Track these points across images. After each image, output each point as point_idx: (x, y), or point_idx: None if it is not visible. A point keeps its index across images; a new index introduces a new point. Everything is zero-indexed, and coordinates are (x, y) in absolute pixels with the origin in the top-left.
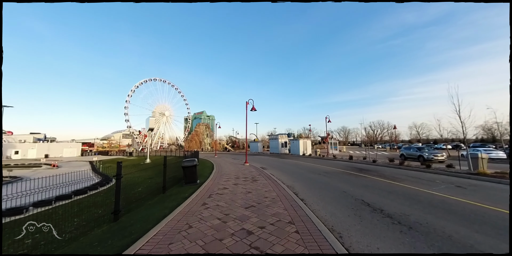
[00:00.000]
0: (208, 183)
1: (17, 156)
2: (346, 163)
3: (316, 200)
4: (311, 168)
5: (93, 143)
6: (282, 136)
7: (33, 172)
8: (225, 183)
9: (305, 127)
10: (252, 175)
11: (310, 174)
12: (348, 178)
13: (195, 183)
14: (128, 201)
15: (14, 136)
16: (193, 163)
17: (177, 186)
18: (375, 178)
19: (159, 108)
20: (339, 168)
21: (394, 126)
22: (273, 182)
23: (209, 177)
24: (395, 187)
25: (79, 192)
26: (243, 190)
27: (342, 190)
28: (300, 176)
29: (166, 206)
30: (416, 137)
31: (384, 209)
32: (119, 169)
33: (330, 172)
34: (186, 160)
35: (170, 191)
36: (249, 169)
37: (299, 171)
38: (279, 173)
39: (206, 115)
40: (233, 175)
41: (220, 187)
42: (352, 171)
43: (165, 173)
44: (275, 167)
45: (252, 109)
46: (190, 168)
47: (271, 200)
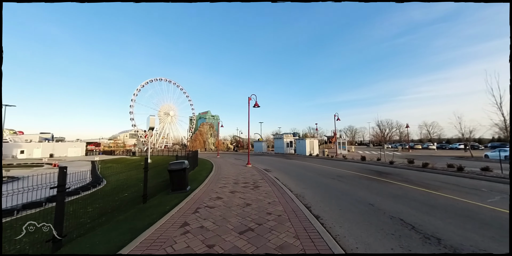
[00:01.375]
0: (199, 191)
1: (23, 156)
2: (359, 164)
3: (337, 218)
4: (321, 171)
5: (99, 142)
6: (287, 136)
7: (33, 171)
8: (220, 190)
9: (310, 127)
10: (253, 179)
11: (321, 178)
12: (369, 184)
13: (184, 190)
14: (99, 213)
15: (21, 136)
16: (182, 166)
17: (163, 194)
18: (402, 185)
19: (164, 108)
20: (354, 171)
21: (407, 125)
22: (278, 189)
23: (204, 181)
24: (434, 198)
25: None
26: (241, 202)
27: (367, 201)
28: (310, 181)
29: (133, 226)
30: (427, 137)
31: (440, 236)
32: (62, 177)
33: (344, 176)
34: (173, 162)
35: (152, 201)
36: (251, 171)
37: (307, 174)
38: (285, 177)
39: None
40: (231, 179)
41: (212, 196)
42: (370, 174)
43: (146, 179)
44: (280, 169)
45: (255, 105)
46: (178, 173)
47: (275, 219)
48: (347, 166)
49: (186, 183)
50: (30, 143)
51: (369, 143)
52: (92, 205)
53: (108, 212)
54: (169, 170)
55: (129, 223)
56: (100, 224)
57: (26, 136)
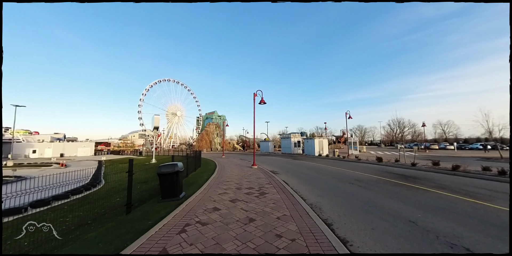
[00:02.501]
0: (194, 199)
1: (35, 155)
2: (376, 166)
3: (373, 245)
4: (334, 173)
5: (109, 142)
6: (294, 135)
7: (40, 171)
8: (219, 198)
9: (318, 126)
10: (259, 183)
11: (337, 182)
12: (397, 191)
13: (176, 198)
14: (76, 224)
15: (33, 136)
16: (174, 170)
17: (154, 201)
18: (440, 193)
19: (172, 108)
20: (373, 174)
21: (423, 124)
22: (289, 197)
23: (203, 185)
24: (495, 213)
25: (39, 204)
26: (242, 215)
27: (406, 217)
28: (325, 186)
29: (95, 253)
30: (442, 136)
31: None
32: None
33: (364, 180)
34: (164, 165)
35: (136, 212)
36: (256, 173)
37: (320, 177)
38: (295, 181)
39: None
40: (234, 184)
41: (209, 206)
42: (393, 178)
43: (130, 185)
44: (289, 171)
45: (261, 101)
46: (169, 177)
47: (288, 246)
48: (363, 168)
49: (179, 189)
50: (42, 143)
51: (380, 143)
52: (76, 212)
53: (86, 224)
54: (159, 173)
55: (94, 246)
56: (63, 243)
57: (39, 136)
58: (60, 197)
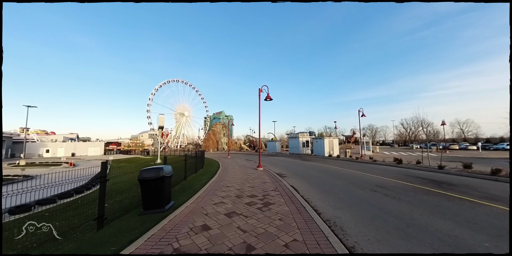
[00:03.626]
0: (183, 211)
1: (48, 155)
2: (396, 169)
3: None
4: (351, 177)
5: (120, 142)
6: (303, 135)
7: (49, 170)
8: (213, 210)
9: (326, 126)
10: (264, 189)
11: (356, 189)
12: (436, 202)
13: (161, 209)
14: (38, 241)
15: (47, 136)
16: (158, 174)
17: (135, 213)
18: (498, 207)
19: (180, 109)
20: (396, 179)
21: (443, 122)
22: (299, 209)
23: (198, 191)
24: None
25: (19, 210)
26: (237, 240)
27: (468, 246)
28: (343, 194)
29: None
30: (460, 136)
31: None
32: None
33: (389, 187)
34: (147, 169)
35: (108, 228)
36: (262, 176)
37: (335, 182)
38: (306, 186)
39: (224, 115)
40: (235, 190)
41: (197, 223)
42: (424, 184)
43: (102, 194)
44: (297, 174)
45: (267, 97)
46: (153, 184)
47: None
48: (382, 171)
49: (166, 198)
50: (55, 143)
51: (393, 143)
52: (54, 221)
53: (54, 239)
54: (140, 179)
55: None
56: None
57: (52, 136)
58: (45, 201)
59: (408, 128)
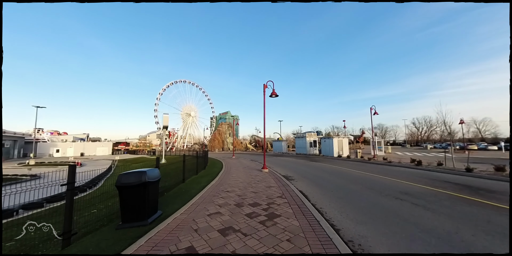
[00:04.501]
0: (169, 224)
1: (58, 154)
2: (416, 171)
3: None
4: (368, 181)
5: (128, 142)
6: (310, 134)
7: (57, 170)
8: (205, 224)
9: (334, 125)
10: (268, 196)
11: (377, 196)
12: (485, 216)
13: (143, 222)
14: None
15: (58, 136)
16: (140, 180)
17: (114, 225)
18: None
19: (186, 109)
20: (421, 183)
21: (461, 121)
22: (313, 224)
23: (194, 197)
24: None
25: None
26: None
27: None
28: (362, 203)
29: None
30: (477, 135)
31: None
32: None
33: (415, 194)
34: (127, 173)
35: (76, 246)
36: (266, 179)
37: (350, 187)
38: (317, 192)
39: (230, 115)
40: (235, 196)
41: (181, 245)
42: (457, 191)
43: (69, 204)
44: (306, 177)
45: (272, 94)
46: (133, 191)
47: None
48: (401, 173)
49: (151, 207)
50: (65, 143)
51: (405, 143)
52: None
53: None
54: (118, 186)
55: None
56: None
57: (62, 136)
58: (32, 206)
59: (420, 128)
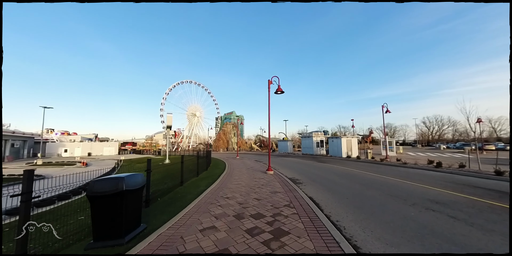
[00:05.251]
0: (150, 244)
1: (66, 154)
2: (438, 174)
3: None
4: (387, 186)
5: (136, 142)
6: (317, 134)
7: (62, 170)
8: (196, 244)
9: (340, 125)
10: (274, 205)
11: (403, 205)
12: None
13: (119, 241)
14: None
15: (66, 136)
16: (116, 188)
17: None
18: None
19: (191, 109)
20: (450, 189)
21: (478, 119)
22: (330, 246)
23: (189, 204)
24: None
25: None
26: None
27: None
28: (388, 216)
29: None
30: (492, 135)
31: None
32: None
33: (448, 203)
34: (101, 179)
35: None
36: (272, 183)
37: (367, 193)
38: (330, 199)
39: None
40: (235, 204)
41: None
42: (498, 200)
43: (25, 217)
44: (316, 180)
45: (278, 90)
46: (108, 202)
47: None
48: (421, 176)
49: (130, 221)
50: (73, 143)
51: (415, 143)
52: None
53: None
54: (90, 195)
55: None
56: None
57: (70, 136)
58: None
59: (431, 127)
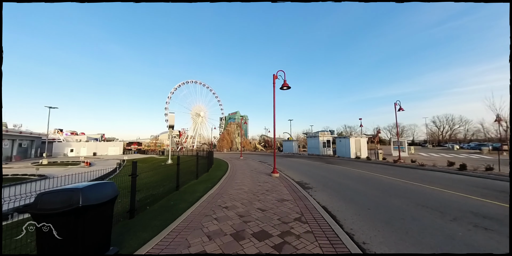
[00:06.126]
0: None
1: (72, 154)
2: (464, 178)
3: None
4: (414, 194)
5: (141, 142)
6: (323, 134)
7: (66, 170)
8: None
9: (346, 125)
10: (282, 218)
11: (442, 221)
12: None
13: None
14: None
15: (72, 136)
16: (71, 204)
17: None
18: None
19: (196, 109)
20: (490, 198)
21: (497, 117)
22: None
23: (178, 217)
24: None
25: None
26: None
27: None
28: (430, 237)
29: None
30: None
31: None
32: None
33: (499, 218)
34: (50, 192)
35: None
36: (278, 188)
37: (393, 202)
38: (349, 210)
39: (239, 115)
40: (235, 216)
41: None
42: None
43: None
44: (327, 185)
45: (283, 85)
46: (58, 222)
47: None
48: (447, 181)
49: (92, 245)
50: (79, 143)
51: (426, 143)
52: None
53: None
54: (34, 213)
55: None
56: None
57: (76, 136)
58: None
59: (442, 127)
